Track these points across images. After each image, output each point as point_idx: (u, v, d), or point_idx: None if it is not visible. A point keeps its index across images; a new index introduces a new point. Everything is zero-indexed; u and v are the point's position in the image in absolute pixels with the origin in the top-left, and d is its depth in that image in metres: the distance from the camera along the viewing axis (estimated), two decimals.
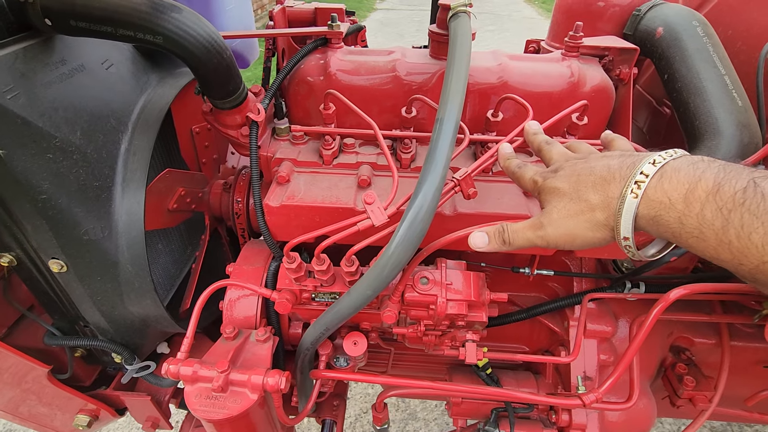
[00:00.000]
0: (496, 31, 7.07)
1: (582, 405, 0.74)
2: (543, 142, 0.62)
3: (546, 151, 0.61)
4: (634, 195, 0.44)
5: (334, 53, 0.83)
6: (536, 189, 0.57)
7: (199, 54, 0.62)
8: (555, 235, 0.52)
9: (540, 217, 0.54)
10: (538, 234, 0.54)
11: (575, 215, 0.51)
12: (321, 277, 0.69)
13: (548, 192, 0.54)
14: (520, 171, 0.60)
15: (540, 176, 0.57)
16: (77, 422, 0.94)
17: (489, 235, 0.58)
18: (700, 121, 0.71)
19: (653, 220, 0.44)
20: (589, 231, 0.50)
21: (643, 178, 0.44)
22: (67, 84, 0.63)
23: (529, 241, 0.55)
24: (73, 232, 0.67)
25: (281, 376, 0.64)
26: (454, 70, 0.63)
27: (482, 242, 0.58)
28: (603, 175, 0.49)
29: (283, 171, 0.76)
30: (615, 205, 0.47)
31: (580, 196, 0.50)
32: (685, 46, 0.75)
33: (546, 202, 0.54)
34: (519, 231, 0.56)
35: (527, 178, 0.59)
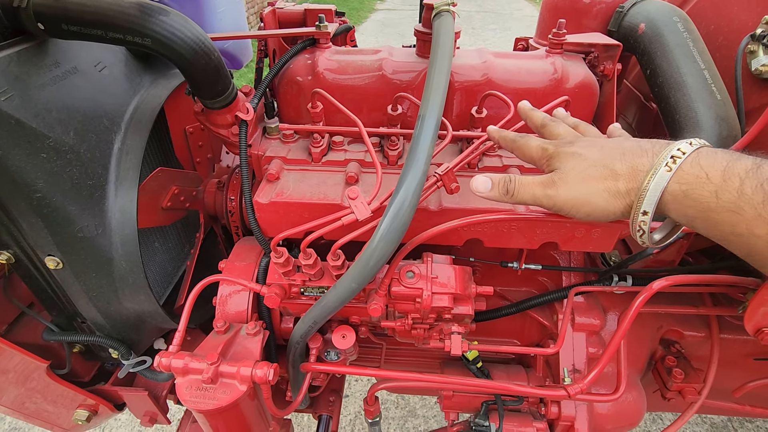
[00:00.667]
0: (498, 29, 7.07)
1: (567, 396, 0.75)
2: (547, 118, 0.61)
3: (552, 126, 0.59)
4: (668, 168, 0.44)
5: (321, 53, 0.85)
6: (545, 155, 0.55)
7: (187, 55, 0.64)
8: (565, 197, 0.51)
9: (553, 175, 0.52)
10: (547, 192, 0.52)
11: (595, 180, 0.49)
12: (308, 272, 0.70)
13: (564, 156, 0.52)
14: (522, 140, 0.58)
15: (551, 144, 0.55)
16: (76, 417, 0.96)
17: (493, 182, 0.56)
18: (681, 115, 0.72)
19: (682, 194, 0.44)
20: (605, 199, 0.49)
21: (680, 154, 0.45)
22: (61, 86, 0.65)
23: (534, 198, 0.53)
24: (67, 230, 0.69)
25: (269, 368, 0.66)
26: (436, 67, 0.64)
27: (484, 187, 0.56)
28: (633, 150, 0.48)
29: (273, 169, 0.78)
30: (642, 177, 0.46)
31: (605, 163, 0.49)
32: (665, 42, 0.76)
33: (560, 166, 0.52)
34: (527, 184, 0.54)
35: (533, 144, 0.57)
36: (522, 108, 0.66)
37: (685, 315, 0.97)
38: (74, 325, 0.86)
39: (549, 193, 0.52)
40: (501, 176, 0.56)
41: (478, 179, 0.57)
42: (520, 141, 0.59)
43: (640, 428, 1.92)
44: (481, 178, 0.57)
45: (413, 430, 1.92)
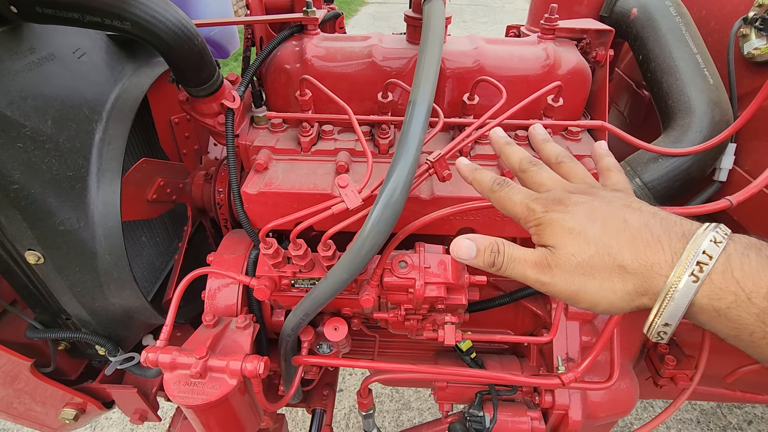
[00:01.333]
0: (489, 22, 7.06)
1: (561, 384, 0.74)
2: (525, 161, 0.51)
3: (533, 173, 0.50)
4: (694, 279, 0.36)
5: (310, 40, 0.83)
6: (532, 219, 0.46)
7: (169, 40, 0.62)
8: (562, 289, 0.43)
9: (549, 257, 0.43)
10: (540, 278, 0.44)
11: (600, 274, 0.41)
12: (299, 263, 0.69)
13: (559, 231, 0.43)
14: (501, 191, 0.49)
15: (537, 203, 0.46)
16: (63, 416, 0.94)
17: (479, 249, 0.47)
18: (673, 100, 0.71)
19: (716, 312, 0.36)
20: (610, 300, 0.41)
21: (707, 260, 0.36)
22: (37, 72, 0.63)
23: (524, 279, 0.45)
24: (48, 223, 0.66)
25: (260, 362, 0.64)
26: (427, 51, 0.63)
27: (467, 254, 0.47)
28: (643, 237, 0.40)
29: (261, 158, 0.76)
30: (660, 282, 0.38)
31: (610, 252, 0.40)
32: (658, 26, 0.76)
33: (556, 244, 0.43)
34: (518, 262, 0.45)
35: (516, 200, 0.47)
36: (496, 141, 0.56)
37: None
38: (59, 322, 0.84)
39: (543, 279, 0.44)
40: (488, 243, 0.47)
41: (461, 244, 0.48)
42: (499, 192, 0.49)
43: (631, 416, 1.95)
44: (464, 243, 0.47)
45: (408, 422, 1.92)
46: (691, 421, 1.92)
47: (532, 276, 0.44)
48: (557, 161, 0.52)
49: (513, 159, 0.53)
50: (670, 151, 0.67)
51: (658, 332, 0.40)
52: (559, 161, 0.52)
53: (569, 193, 0.46)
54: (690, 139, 0.68)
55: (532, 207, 0.46)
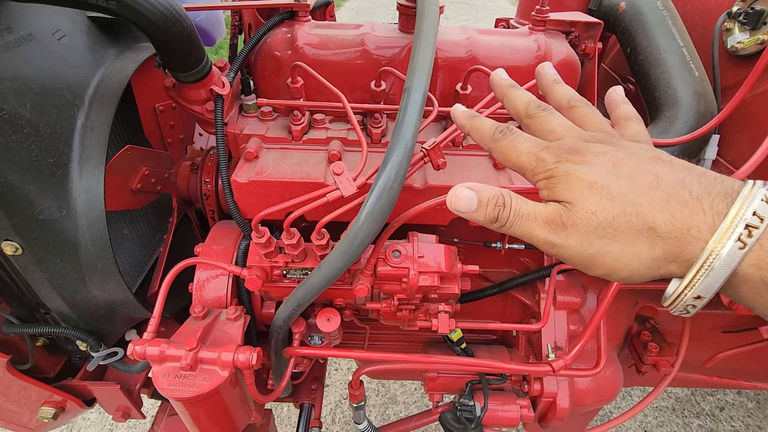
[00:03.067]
0: (471, 20, 7.11)
1: (551, 371, 0.76)
2: (533, 104, 0.44)
3: (542, 119, 0.43)
4: (741, 245, 0.31)
5: (301, 26, 0.81)
6: (542, 170, 0.39)
7: (156, 21, 0.59)
8: (578, 251, 0.36)
9: (564, 214, 0.37)
10: (551, 239, 0.37)
11: (625, 237, 0.35)
12: (291, 252, 0.68)
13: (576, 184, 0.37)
14: (505, 138, 0.42)
15: (548, 152, 0.39)
16: (42, 415, 0.90)
17: (481, 200, 0.40)
18: (660, 92, 0.73)
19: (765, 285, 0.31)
20: (634, 265, 0.35)
21: (757, 222, 0.30)
22: (14, 53, 0.60)
23: (531, 238, 0.39)
24: (26, 212, 0.63)
25: (252, 352, 0.63)
26: (422, 38, 0.62)
27: (467, 206, 0.41)
28: (679, 195, 0.34)
29: (251, 147, 0.74)
30: (697, 248, 0.33)
31: (639, 211, 0.34)
32: (646, 20, 0.77)
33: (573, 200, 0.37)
34: (526, 219, 0.38)
35: (522, 149, 0.41)
36: (497, 83, 0.49)
37: (659, 291, 1.01)
38: (37, 317, 0.80)
39: (555, 240, 0.37)
40: (492, 194, 0.40)
41: (461, 194, 0.41)
42: (502, 141, 0.42)
43: (611, 405, 2.00)
44: (464, 193, 0.41)
45: (394, 416, 1.93)
46: (667, 408, 1.99)
47: (542, 235, 0.38)
48: (569, 105, 0.45)
49: (518, 103, 0.46)
50: (658, 142, 0.68)
51: (686, 306, 0.35)
52: (572, 105, 0.45)
53: (585, 141, 0.39)
54: (676, 130, 0.70)
55: (542, 156, 0.39)
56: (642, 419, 1.94)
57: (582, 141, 0.40)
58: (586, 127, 0.43)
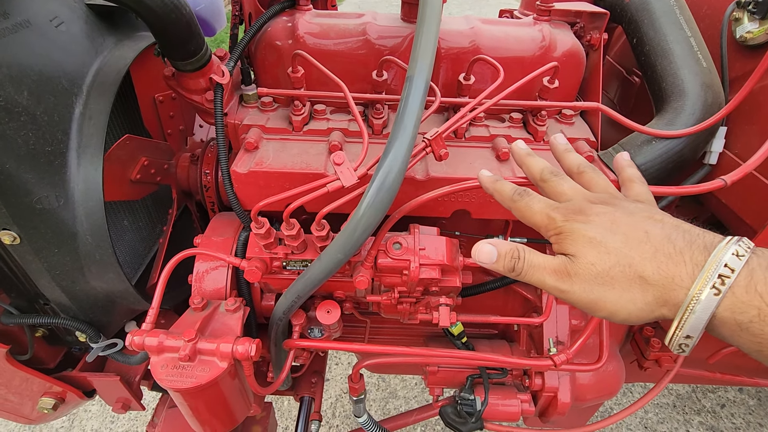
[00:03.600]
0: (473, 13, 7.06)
1: (553, 365, 0.75)
2: (547, 171, 0.51)
3: (555, 184, 0.50)
4: (716, 291, 0.36)
5: (302, 15, 0.80)
6: (552, 228, 0.46)
7: (154, 7, 0.58)
8: (581, 297, 0.43)
9: (569, 265, 0.43)
10: (559, 285, 0.44)
11: (620, 285, 0.41)
12: (291, 243, 0.67)
13: (580, 240, 0.43)
14: (522, 200, 0.49)
15: (557, 212, 0.46)
16: (41, 405, 0.90)
17: (500, 254, 0.47)
18: (667, 83, 0.72)
19: (738, 326, 0.36)
20: (629, 311, 0.41)
21: (728, 273, 0.36)
22: (11, 39, 0.59)
23: (543, 286, 0.46)
24: (24, 201, 0.63)
25: (251, 344, 0.62)
26: (425, 26, 0.61)
27: (489, 258, 0.47)
28: (664, 249, 0.40)
29: (251, 137, 0.74)
30: (681, 294, 0.38)
31: (632, 264, 0.40)
32: (653, 9, 0.76)
33: (576, 253, 0.43)
34: (537, 267, 0.45)
35: (536, 209, 0.48)
36: (517, 153, 0.57)
37: None
38: (36, 307, 0.80)
39: (562, 287, 0.44)
40: (509, 248, 0.47)
41: (483, 248, 0.48)
42: (520, 202, 0.49)
43: (611, 400, 2.00)
44: (485, 248, 0.48)
45: (394, 411, 1.93)
46: (668, 405, 1.98)
47: (551, 283, 0.44)
48: (579, 171, 0.52)
49: (534, 169, 0.53)
50: (664, 133, 0.67)
51: (680, 344, 0.40)
52: (580, 171, 0.52)
53: (590, 203, 0.46)
54: (683, 122, 0.68)
55: (553, 216, 0.46)
56: (643, 416, 1.94)
57: (587, 202, 0.46)
58: (593, 189, 0.49)
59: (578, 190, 0.49)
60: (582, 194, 0.48)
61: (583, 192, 0.49)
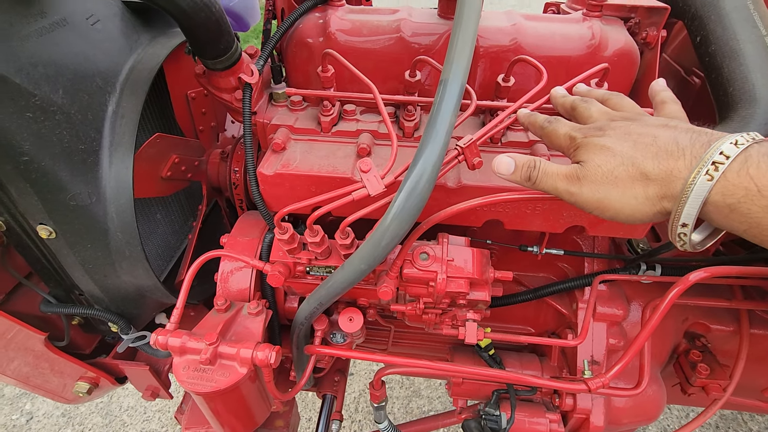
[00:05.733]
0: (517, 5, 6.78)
1: (587, 390, 0.70)
2: (578, 99, 0.56)
3: (583, 109, 0.54)
4: (709, 177, 0.39)
5: (334, 12, 0.77)
6: (573, 145, 0.50)
7: (185, 6, 0.57)
8: (588, 197, 0.47)
9: (578, 170, 0.48)
10: (569, 188, 0.48)
11: (623, 182, 0.44)
12: (315, 250, 0.66)
13: (592, 149, 0.47)
14: (550, 126, 0.53)
15: (579, 131, 0.50)
16: (77, 389, 0.94)
17: (516, 164, 0.52)
18: (734, 88, 0.64)
19: (727, 208, 0.39)
20: (632, 206, 0.45)
21: (723, 159, 0.38)
22: (48, 38, 0.59)
23: (555, 190, 0.50)
24: (59, 197, 0.64)
25: (271, 351, 0.61)
26: (462, 26, 0.57)
27: (506, 168, 0.52)
28: (668, 148, 0.43)
29: (279, 138, 0.72)
30: (678, 184, 0.41)
31: (635, 162, 0.44)
32: (722, 4, 0.67)
33: (587, 159, 0.47)
34: (550, 174, 0.50)
35: (561, 132, 0.52)
36: (553, 96, 0.60)
37: (711, 307, 0.92)
38: (72, 298, 0.83)
39: (572, 189, 0.48)
40: (526, 159, 0.51)
41: (502, 159, 0.53)
42: (548, 128, 0.54)
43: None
44: (504, 159, 0.52)
45: (417, 410, 1.91)
46: (710, 425, 1.86)
47: (562, 186, 0.49)
48: (605, 97, 0.56)
49: (567, 102, 0.57)
50: None
51: (678, 234, 0.43)
52: (606, 97, 0.56)
53: (611, 120, 0.49)
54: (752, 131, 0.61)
55: (574, 135, 0.50)
56: None
57: (609, 120, 0.50)
58: (618, 110, 0.53)
59: (604, 111, 0.52)
60: (607, 114, 0.51)
61: (609, 112, 0.52)
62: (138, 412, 1.88)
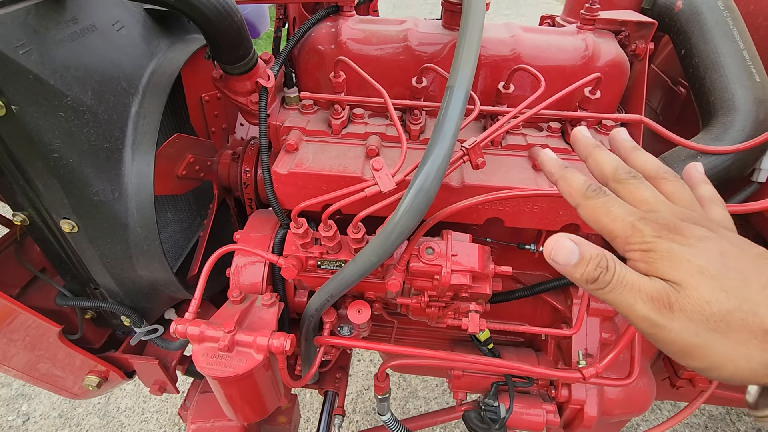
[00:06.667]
0: (511, 15, 6.92)
1: (582, 378, 0.74)
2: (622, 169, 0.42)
3: (633, 187, 0.41)
4: None
5: (345, 21, 0.82)
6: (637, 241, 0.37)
7: (210, 15, 0.62)
8: (680, 337, 0.34)
9: (672, 296, 0.34)
10: (655, 318, 0.35)
11: (737, 335, 0.33)
12: (327, 244, 0.69)
13: (680, 264, 0.35)
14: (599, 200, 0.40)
15: (646, 224, 0.37)
16: (87, 383, 0.96)
17: (583, 256, 0.37)
18: (716, 97, 0.70)
19: None
20: (742, 366, 0.33)
21: None
22: (79, 43, 0.63)
23: (629, 311, 0.36)
24: (83, 192, 0.67)
25: (286, 338, 0.65)
26: (467, 37, 0.62)
27: (566, 258, 0.37)
28: None
29: (292, 139, 0.76)
30: None
31: (756, 311, 0.33)
32: (704, 20, 0.73)
33: (677, 278, 0.35)
34: (629, 289, 0.36)
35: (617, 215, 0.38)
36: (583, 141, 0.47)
37: None
38: (87, 291, 0.86)
39: (659, 320, 0.34)
40: (595, 253, 0.37)
41: (563, 245, 0.38)
42: (595, 200, 0.40)
43: (639, 417, 1.94)
44: (566, 245, 0.38)
45: (414, 410, 1.94)
46: (699, 425, 1.91)
47: (643, 311, 0.35)
48: (658, 176, 0.43)
49: (606, 165, 0.43)
50: (711, 149, 0.65)
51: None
52: (661, 176, 0.43)
53: (682, 220, 0.38)
54: (731, 138, 0.66)
55: (639, 227, 0.37)
56: None
57: (679, 219, 0.38)
58: (676, 202, 0.41)
59: (663, 201, 0.40)
60: (668, 207, 0.39)
61: (669, 204, 0.40)
62: (136, 413, 1.89)
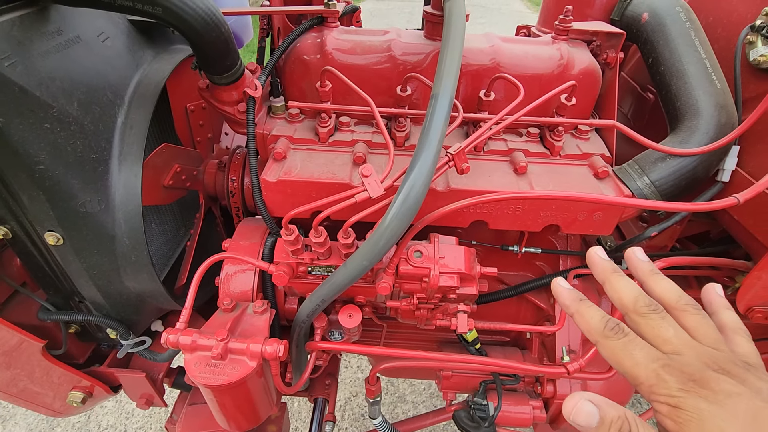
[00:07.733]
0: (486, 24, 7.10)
1: (567, 373, 0.77)
2: (644, 303, 0.40)
3: (656, 324, 0.39)
4: None
5: (330, 32, 0.84)
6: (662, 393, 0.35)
7: (197, 26, 0.63)
8: None
9: None
10: None
11: None
12: (318, 250, 0.71)
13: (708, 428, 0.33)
14: (619, 341, 0.38)
15: (671, 374, 0.35)
16: (71, 399, 0.94)
17: (604, 419, 0.36)
18: (681, 102, 0.74)
19: None
20: None
21: None
22: (64, 54, 0.63)
23: None
24: (69, 204, 0.67)
25: (279, 344, 0.66)
26: (449, 47, 0.65)
27: (588, 421, 0.36)
28: None
29: (280, 147, 0.77)
30: None
31: None
32: (668, 31, 0.79)
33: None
34: None
35: (639, 360, 0.37)
36: (600, 264, 0.45)
37: None
38: (71, 305, 0.84)
39: None
40: (617, 416, 0.36)
41: (583, 407, 0.37)
42: (615, 341, 0.39)
43: None
44: (586, 407, 0.37)
45: (402, 415, 1.95)
46: None
47: None
48: (678, 307, 0.40)
49: (626, 295, 0.41)
50: (679, 151, 0.70)
51: None
52: (682, 308, 0.40)
53: (710, 369, 0.35)
54: (697, 140, 0.71)
55: (664, 378, 0.35)
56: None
57: (706, 367, 0.35)
58: (700, 339, 0.38)
59: (687, 342, 0.38)
60: (694, 349, 0.37)
61: (694, 345, 0.37)
62: (118, 431, 1.84)
